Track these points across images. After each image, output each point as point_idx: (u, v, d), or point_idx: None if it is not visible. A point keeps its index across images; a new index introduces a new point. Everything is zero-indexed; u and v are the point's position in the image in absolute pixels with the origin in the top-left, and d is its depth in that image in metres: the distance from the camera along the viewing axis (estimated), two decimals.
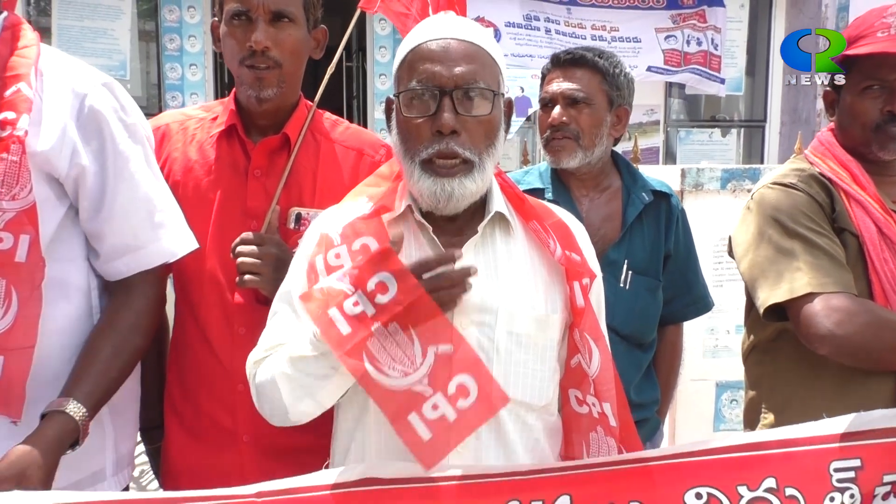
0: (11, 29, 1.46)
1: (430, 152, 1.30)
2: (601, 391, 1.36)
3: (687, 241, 2.19)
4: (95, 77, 1.50)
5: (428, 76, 1.30)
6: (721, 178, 3.59)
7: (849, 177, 1.69)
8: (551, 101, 2.07)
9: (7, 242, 1.34)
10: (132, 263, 1.51)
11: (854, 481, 1.30)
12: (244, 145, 1.73)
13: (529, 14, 6.34)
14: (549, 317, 1.37)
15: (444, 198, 1.31)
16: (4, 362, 1.36)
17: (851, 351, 1.55)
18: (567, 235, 1.43)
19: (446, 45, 1.32)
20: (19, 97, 1.38)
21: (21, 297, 1.36)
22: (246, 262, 1.60)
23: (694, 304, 2.25)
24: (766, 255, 1.65)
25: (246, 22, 1.63)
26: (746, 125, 7.33)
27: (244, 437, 1.68)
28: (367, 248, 1.29)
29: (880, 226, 1.64)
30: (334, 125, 1.82)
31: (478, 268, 1.31)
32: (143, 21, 6.44)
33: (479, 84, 1.31)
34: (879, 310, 1.57)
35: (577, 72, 2.06)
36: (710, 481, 1.29)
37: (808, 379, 1.69)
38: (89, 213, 1.47)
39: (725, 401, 3.66)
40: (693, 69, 6.65)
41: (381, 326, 1.20)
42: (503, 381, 1.31)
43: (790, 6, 6.89)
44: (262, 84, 1.65)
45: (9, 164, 1.34)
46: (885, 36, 1.63)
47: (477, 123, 1.31)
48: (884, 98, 1.65)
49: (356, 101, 7.84)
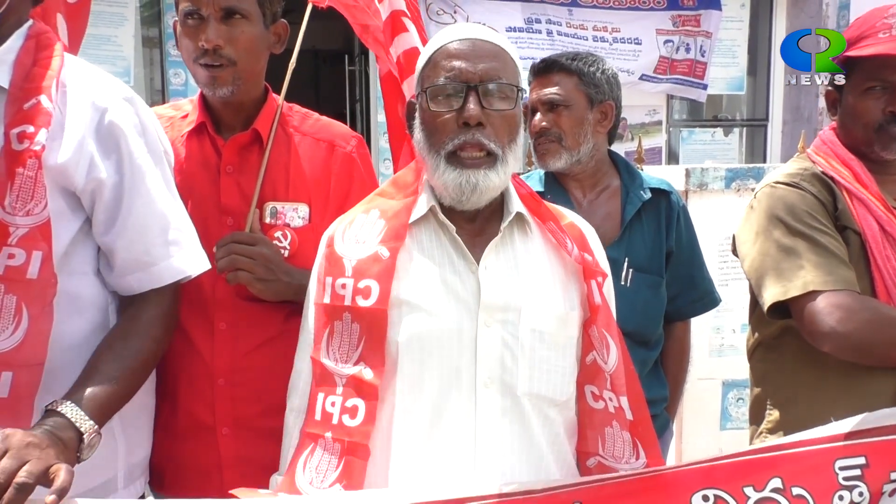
0: (36, 38, 1.43)
1: (457, 143, 1.34)
2: (617, 385, 1.41)
3: (690, 237, 2.20)
4: (118, 91, 1.48)
5: (455, 72, 1.35)
6: (725, 177, 3.59)
7: (851, 175, 1.71)
8: (533, 108, 2.13)
9: (19, 258, 1.32)
10: (144, 280, 1.48)
11: (861, 479, 1.31)
12: (214, 142, 1.74)
13: (531, 17, 6.33)
14: (569, 314, 1.41)
15: (469, 189, 1.35)
16: (13, 378, 1.33)
17: (854, 348, 1.56)
18: (580, 236, 1.48)
19: (471, 44, 1.37)
20: (39, 110, 1.35)
21: (32, 314, 1.33)
22: (241, 260, 1.61)
23: (700, 301, 2.26)
24: (770, 253, 1.66)
25: (198, 21, 1.63)
26: (749, 124, 7.31)
27: (223, 430, 1.69)
28: (370, 290, 1.35)
29: (882, 223, 1.65)
30: (304, 118, 1.83)
31: (500, 267, 1.38)
32: (147, 27, 6.44)
33: (503, 80, 1.36)
34: (882, 307, 1.59)
35: (553, 77, 2.13)
36: (716, 483, 1.31)
37: (812, 375, 1.70)
38: (104, 227, 1.45)
39: (732, 399, 3.67)
40: (675, 79, 6.68)
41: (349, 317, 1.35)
42: (528, 375, 1.36)
43: (791, 5, 6.88)
44: (216, 82, 1.65)
45: (24, 179, 1.31)
46: (886, 37, 1.64)
47: (501, 118, 1.36)
48: (886, 98, 1.66)
49: (359, 105, 7.84)
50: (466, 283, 1.37)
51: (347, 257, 1.39)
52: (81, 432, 1.27)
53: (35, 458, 1.14)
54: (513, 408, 1.35)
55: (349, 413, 1.32)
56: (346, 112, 8.05)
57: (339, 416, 1.32)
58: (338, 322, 1.37)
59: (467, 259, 1.38)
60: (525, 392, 1.36)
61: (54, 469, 1.15)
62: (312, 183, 1.75)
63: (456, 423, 1.34)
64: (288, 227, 1.72)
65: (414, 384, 1.34)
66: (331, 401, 1.34)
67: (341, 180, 1.77)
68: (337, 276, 1.38)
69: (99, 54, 6.10)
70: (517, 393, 1.35)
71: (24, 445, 1.15)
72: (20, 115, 1.34)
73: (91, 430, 1.28)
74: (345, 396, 1.33)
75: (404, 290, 1.36)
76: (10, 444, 1.15)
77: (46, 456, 1.17)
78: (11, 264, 1.31)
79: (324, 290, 1.40)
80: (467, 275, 1.38)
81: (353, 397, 1.32)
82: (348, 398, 1.33)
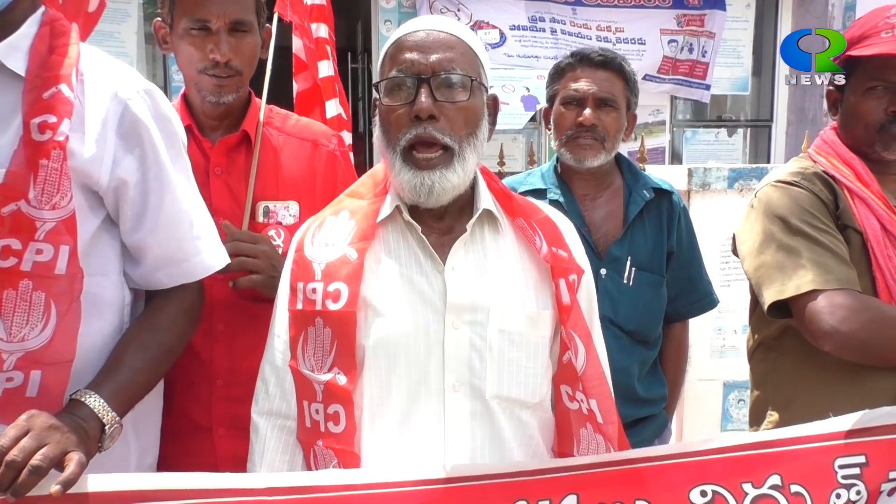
0: (51, 25, 1.37)
1: (409, 138, 1.31)
2: (588, 388, 1.37)
3: (690, 238, 2.20)
4: (138, 82, 1.44)
5: (407, 64, 1.32)
6: (728, 177, 3.59)
7: (852, 174, 1.70)
8: (581, 100, 2.06)
9: (47, 254, 1.28)
10: (175, 275, 1.46)
11: (859, 478, 1.31)
12: (201, 145, 1.76)
13: (535, 16, 6.33)
14: (541, 314, 1.38)
15: (425, 191, 1.32)
16: (42, 377, 1.31)
17: (855, 347, 1.56)
18: (554, 231, 1.44)
19: (425, 35, 1.34)
20: (60, 99, 1.30)
21: (60, 311, 1.30)
22: (246, 261, 1.62)
23: (699, 302, 2.26)
24: (771, 252, 1.66)
25: (206, 32, 1.66)
26: (753, 125, 7.31)
27: (219, 430, 1.70)
28: (339, 293, 1.33)
29: (884, 222, 1.65)
30: (285, 119, 1.87)
31: (467, 267, 1.35)
32: (150, 24, 6.46)
33: (457, 70, 1.32)
34: (883, 306, 1.58)
35: (605, 73, 2.06)
36: (715, 479, 1.30)
37: (813, 376, 1.70)
38: (132, 224, 1.41)
39: (733, 400, 3.66)
40: (677, 79, 6.68)
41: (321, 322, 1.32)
42: (496, 378, 1.33)
43: (796, 6, 6.87)
44: (222, 91, 1.70)
45: (49, 171, 1.27)
46: (889, 36, 1.63)
47: (456, 110, 1.32)
48: (888, 98, 1.66)
49: (361, 103, 7.84)
50: (433, 284, 1.34)
51: (317, 261, 1.36)
52: (104, 423, 1.28)
53: (55, 441, 1.16)
54: (482, 411, 1.33)
55: (332, 420, 1.30)
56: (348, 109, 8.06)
57: (325, 423, 1.31)
58: (311, 328, 1.34)
59: (434, 259, 1.35)
60: (494, 394, 1.33)
61: (68, 457, 1.16)
62: (300, 181, 1.79)
63: (425, 426, 1.32)
64: (280, 225, 1.75)
65: (382, 388, 1.32)
66: (314, 408, 1.33)
67: (327, 177, 1.82)
68: (308, 281, 1.35)
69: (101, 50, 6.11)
70: (486, 395, 1.33)
71: (46, 427, 1.17)
72: (40, 105, 1.29)
73: (113, 421, 1.29)
74: (325, 403, 1.31)
75: (371, 292, 1.33)
76: (33, 425, 1.17)
77: (66, 440, 1.18)
78: (39, 260, 1.28)
79: (295, 296, 1.37)
80: (434, 275, 1.35)
81: (333, 403, 1.31)
82: (329, 404, 1.31)
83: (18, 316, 1.28)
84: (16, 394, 1.30)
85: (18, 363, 1.29)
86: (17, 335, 1.28)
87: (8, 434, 1.14)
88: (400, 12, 6.24)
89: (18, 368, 1.29)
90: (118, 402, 1.31)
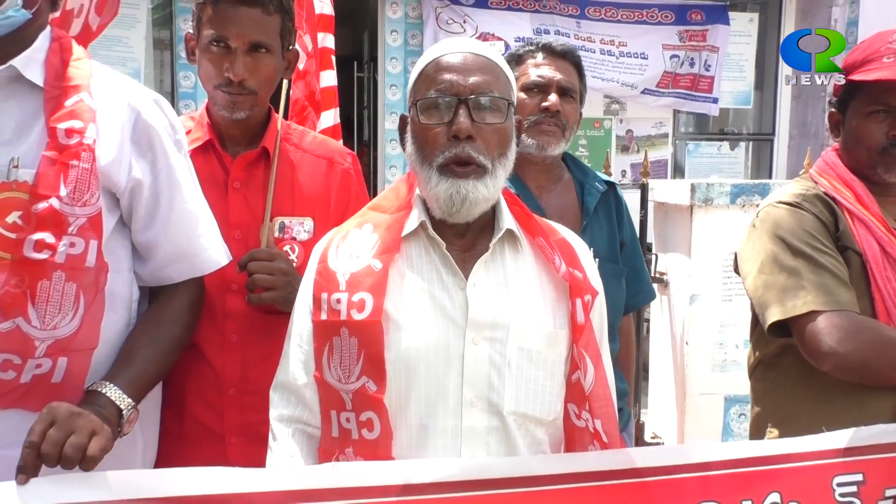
0: (59, 41, 1.49)
1: (447, 156, 1.33)
2: (594, 408, 1.38)
3: (632, 230, 2.24)
4: (147, 92, 1.56)
5: (446, 85, 1.35)
6: (731, 192, 3.60)
7: (852, 196, 1.72)
8: (545, 86, 2.04)
9: (79, 247, 1.38)
10: (185, 270, 1.56)
11: (856, 495, 1.33)
12: (221, 159, 1.79)
13: (539, 28, 6.36)
14: (558, 333, 1.39)
15: (460, 200, 1.34)
16: (68, 363, 1.40)
17: (853, 368, 1.58)
18: (570, 252, 1.46)
19: (462, 57, 1.37)
20: (83, 107, 1.42)
21: (87, 301, 1.40)
22: (263, 278, 1.65)
23: (643, 293, 2.29)
24: (771, 272, 1.68)
25: (224, 50, 1.69)
26: (755, 138, 7.33)
27: (231, 439, 1.72)
28: (364, 303, 1.33)
29: (883, 244, 1.66)
30: (302, 136, 1.90)
31: (489, 284, 1.37)
32: (158, 30, 6.48)
33: (494, 93, 1.35)
34: (881, 327, 1.60)
35: (566, 64, 2.08)
36: (715, 496, 1.32)
37: (812, 394, 1.71)
38: (143, 223, 1.52)
39: (734, 415, 3.67)
40: (677, 93, 6.71)
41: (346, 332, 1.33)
42: (514, 395, 1.35)
43: (799, 21, 6.90)
44: (235, 107, 1.72)
45: (80, 171, 1.38)
46: (890, 62, 1.65)
47: (491, 131, 1.35)
48: (889, 122, 1.68)
49: (367, 112, 7.87)
50: (455, 300, 1.36)
51: (341, 272, 1.37)
52: (121, 409, 1.37)
53: (79, 427, 1.22)
54: (499, 427, 1.34)
55: (367, 427, 1.31)
56: (353, 118, 8.09)
57: (358, 430, 1.32)
58: (336, 338, 1.35)
59: (456, 275, 1.37)
60: (511, 411, 1.35)
61: (93, 441, 1.23)
62: (315, 198, 1.81)
63: (441, 440, 1.33)
64: (295, 240, 1.78)
65: (401, 400, 1.33)
66: (344, 417, 1.34)
67: (341, 195, 1.84)
68: (332, 292, 1.36)
69: (110, 55, 6.13)
70: (503, 412, 1.34)
71: (69, 415, 1.23)
72: (64, 112, 1.40)
73: (129, 406, 1.38)
74: (356, 411, 1.32)
75: (393, 305, 1.34)
76: (57, 416, 1.22)
77: (91, 423, 1.24)
78: (73, 252, 1.38)
79: (319, 307, 1.38)
80: (456, 291, 1.36)
81: (365, 410, 1.32)
82: (361, 412, 1.32)
83: (52, 305, 1.37)
84: (42, 380, 1.39)
85: (49, 350, 1.38)
86: (49, 323, 1.37)
87: (35, 429, 1.20)
88: (406, 22, 6.27)
89: (48, 355, 1.38)
90: (133, 391, 1.41)
